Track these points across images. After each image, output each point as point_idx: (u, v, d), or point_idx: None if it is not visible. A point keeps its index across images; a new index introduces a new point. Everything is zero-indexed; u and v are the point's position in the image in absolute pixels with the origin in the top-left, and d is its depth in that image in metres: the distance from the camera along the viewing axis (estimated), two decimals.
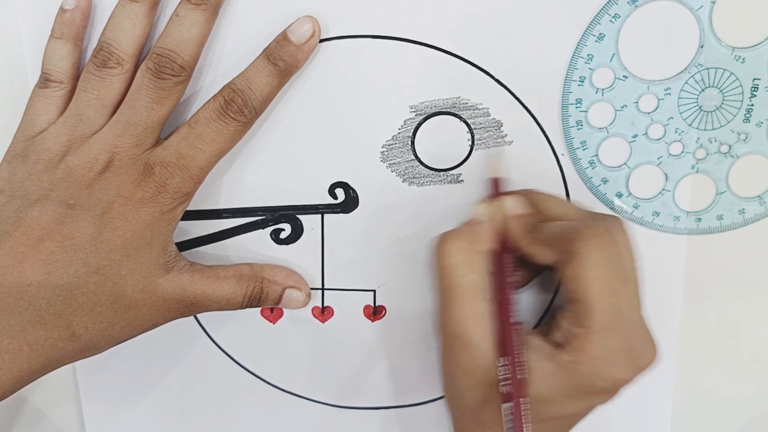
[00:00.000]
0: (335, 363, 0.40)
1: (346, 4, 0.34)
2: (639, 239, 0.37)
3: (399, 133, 0.36)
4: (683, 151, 0.36)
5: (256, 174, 0.37)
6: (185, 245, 0.38)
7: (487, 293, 0.33)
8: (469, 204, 0.37)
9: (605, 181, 0.37)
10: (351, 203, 0.38)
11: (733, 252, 0.38)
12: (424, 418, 0.41)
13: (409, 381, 0.40)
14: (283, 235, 0.38)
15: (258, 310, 0.39)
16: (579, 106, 0.35)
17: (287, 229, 0.38)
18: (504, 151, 0.36)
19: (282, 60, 0.34)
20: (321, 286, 0.39)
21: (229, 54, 0.35)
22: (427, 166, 0.37)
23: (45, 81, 0.34)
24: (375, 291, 0.39)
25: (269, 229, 0.38)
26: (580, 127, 0.36)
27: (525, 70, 0.35)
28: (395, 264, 0.38)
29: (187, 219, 0.38)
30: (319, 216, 0.38)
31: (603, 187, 0.37)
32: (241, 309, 0.36)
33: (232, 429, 0.42)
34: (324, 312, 0.39)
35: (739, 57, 0.34)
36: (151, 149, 0.33)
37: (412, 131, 0.36)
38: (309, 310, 0.39)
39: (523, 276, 0.36)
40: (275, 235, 0.38)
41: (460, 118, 0.36)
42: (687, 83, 0.35)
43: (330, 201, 0.38)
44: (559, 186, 0.37)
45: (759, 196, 0.37)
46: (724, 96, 0.35)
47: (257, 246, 0.38)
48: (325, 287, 0.39)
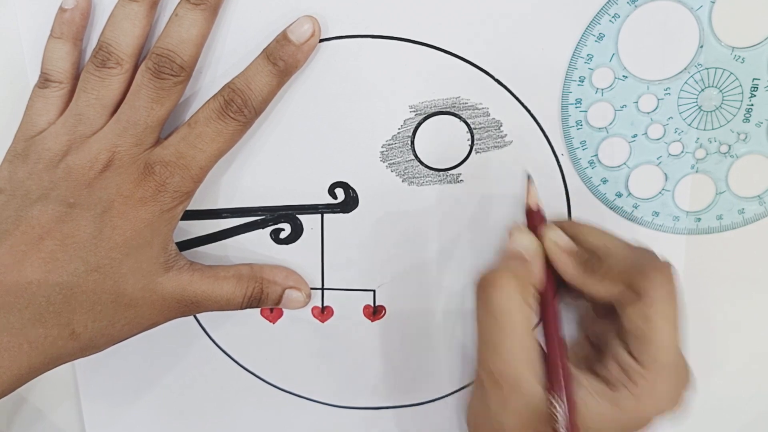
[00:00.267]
0: (335, 363, 0.40)
1: (346, 4, 0.34)
2: (639, 239, 0.37)
3: (399, 133, 0.36)
4: (683, 151, 0.36)
5: (255, 174, 0.37)
6: (185, 245, 0.38)
7: (536, 332, 0.32)
8: (470, 204, 0.37)
9: (605, 181, 0.37)
10: (351, 203, 0.38)
11: (733, 252, 0.38)
12: (424, 418, 0.41)
13: (409, 381, 0.40)
14: (283, 235, 0.38)
15: (258, 310, 0.39)
16: (579, 106, 0.35)
17: (287, 229, 0.38)
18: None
19: (282, 60, 0.34)
20: (321, 286, 0.39)
21: (229, 54, 0.35)
22: (427, 166, 0.37)
23: (45, 81, 0.34)
24: (375, 291, 0.39)
25: (269, 229, 0.38)
26: (579, 127, 0.36)
27: (525, 70, 0.35)
28: (395, 264, 0.38)
29: (187, 219, 0.38)
30: (319, 216, 0.38)
31: (603, 187, 0.37)
32: (241, 309, 0.36)
33: (231, 429, 0.42)
34: (324, 312, 0.39)
35: (739, 57, 0.34)
36: (151, 149, 0.34)
37: (411, 131, 0.36)
38: (309, 310, 0.39)
39: None
40: (275, 235, 0.38)
41: (459, 117, 0.36)
42: (687, 83, 0.35)
43: (330, 201, 0.38)
44: (559, 186, 0.37)
45: (759, 196, 0.37)
46: (723, 96, 0.35)
47: (257, 246, 0.38)
48: (325, 287, 0.39)
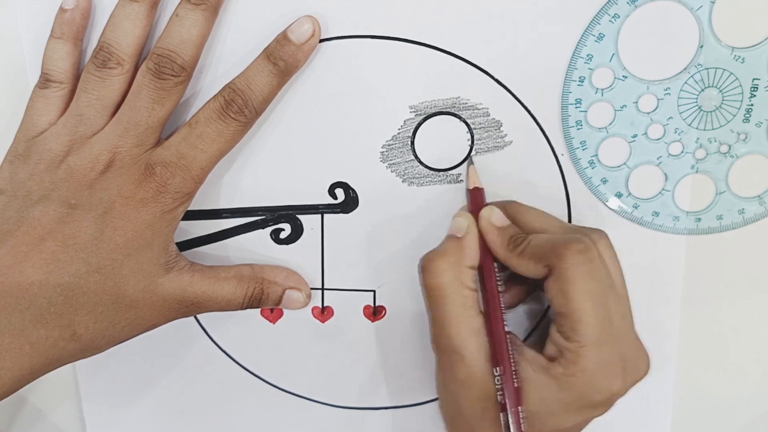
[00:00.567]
0: (335, 363, 0.40)
1: (346, 4, 0.34)
2: (639, 239, 0.37)
3: (399, 133, 0.36)
4: (683, 151, 0.36)
5: (256, 174, 0.37)
6: (185, 245, 0.38)
7: (478, 307, 0.33)
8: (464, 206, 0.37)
9: (605, 181, 0.37)
10: (351, 203, 0.38)
11: (733, 252, 0.38)
12: (424, 418, 0.41)
13: (409, 381, 0.40)
14: (283, 235, 0.38)
15: (258, 310, 0.39)
16: (579, 106, 0.35)
17: (287, 229, 0.38)
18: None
19: (282, 60, 0.34)
20: (321, 286, 0.39)
21: (229, 54, 0.35)
22: (427, 166, 0.37)
23: (45, 81, 0.34)
24: (375, 291, 0.39)
25: (269, 229, 0.38)
26: (579, 127, 0.36)
27: (525, 70, 0.35)
28: (395, 264, 0.38)
29: (187, 219, 0.38)
30: (319, 216, 0.38)
31: (603, 187, 0.37)
32: (242, 310, 0.36)
33: (231, 429, 0.42)
34: (324, 312, 0.39)
35: (739, 57, 0.35)
36: (152, 149, 0.33)
37: (411, 131, 0.36)
38: (309, 310, 0.39)
39: (518, 293, 0.36)
40: (275, 235, 0.38)
41: (459, 118, 0.36)
42: (686, 83, 0.35)
43: (330, 201, 0.38)
44: (559, 186, 0.37)
45: (758, 196, 0.37)
46: (723, 96, 0.35)
47: (257, 246, 0.38)
48: (325, 287, 0.39)
